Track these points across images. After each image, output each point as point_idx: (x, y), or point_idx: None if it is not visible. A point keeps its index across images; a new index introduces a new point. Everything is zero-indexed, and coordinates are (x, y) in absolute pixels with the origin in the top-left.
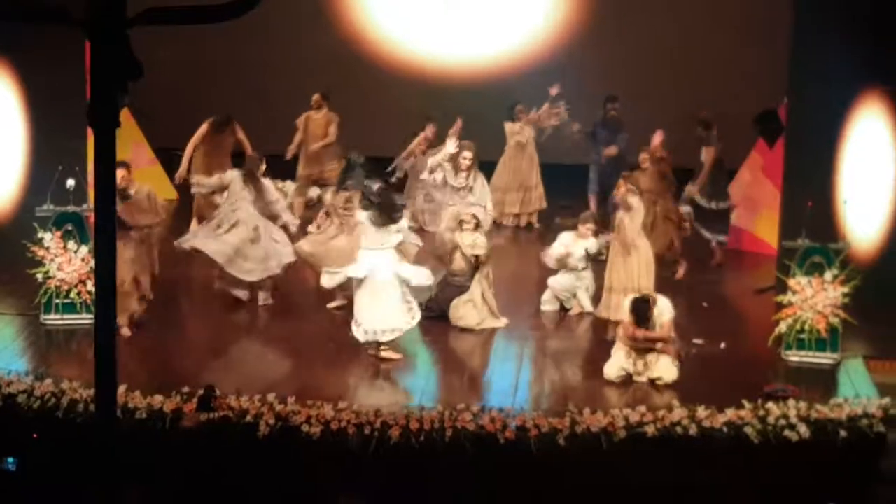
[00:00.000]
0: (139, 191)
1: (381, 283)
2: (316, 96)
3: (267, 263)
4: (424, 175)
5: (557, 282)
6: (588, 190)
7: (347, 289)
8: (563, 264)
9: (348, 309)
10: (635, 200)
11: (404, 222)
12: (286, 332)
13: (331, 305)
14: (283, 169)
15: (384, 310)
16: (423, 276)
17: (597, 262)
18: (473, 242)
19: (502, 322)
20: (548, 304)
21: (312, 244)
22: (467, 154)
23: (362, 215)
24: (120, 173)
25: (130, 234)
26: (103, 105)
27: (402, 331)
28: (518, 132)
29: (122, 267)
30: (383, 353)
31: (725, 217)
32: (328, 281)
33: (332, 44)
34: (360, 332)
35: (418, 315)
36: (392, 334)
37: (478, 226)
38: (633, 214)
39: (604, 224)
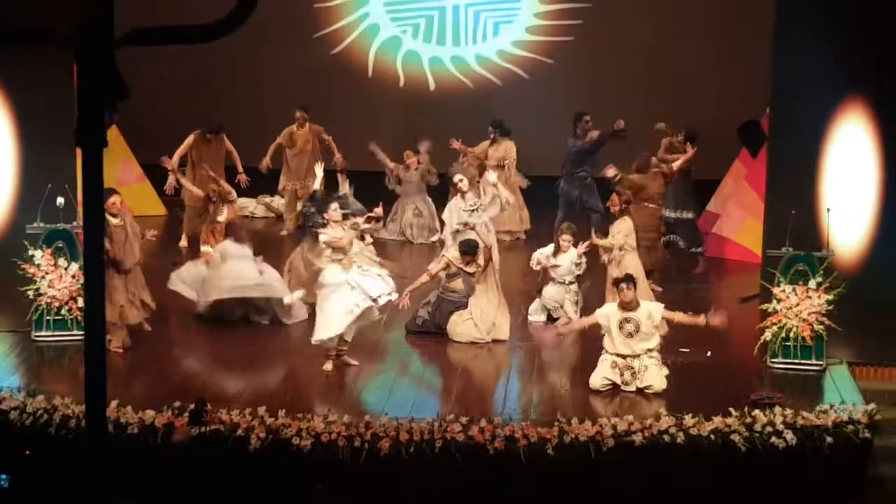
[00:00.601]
0: (126, 220)
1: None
2: (299, 113)
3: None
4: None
5: (546, 292)
6: (560, 202)
7: None
8: (546, 276)
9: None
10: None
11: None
12: (276, 346)
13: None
14: (268, 182)
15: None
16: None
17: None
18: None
19: (504, 334)
20: (535, 315)
21: None
22: (460, 177)
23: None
24: (111, 199)
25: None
26: (90, 125)
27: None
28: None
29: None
30: (346, 358)
31: (693, 226)
32: None
33: (318, 58)
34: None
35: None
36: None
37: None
38: (626, 226)
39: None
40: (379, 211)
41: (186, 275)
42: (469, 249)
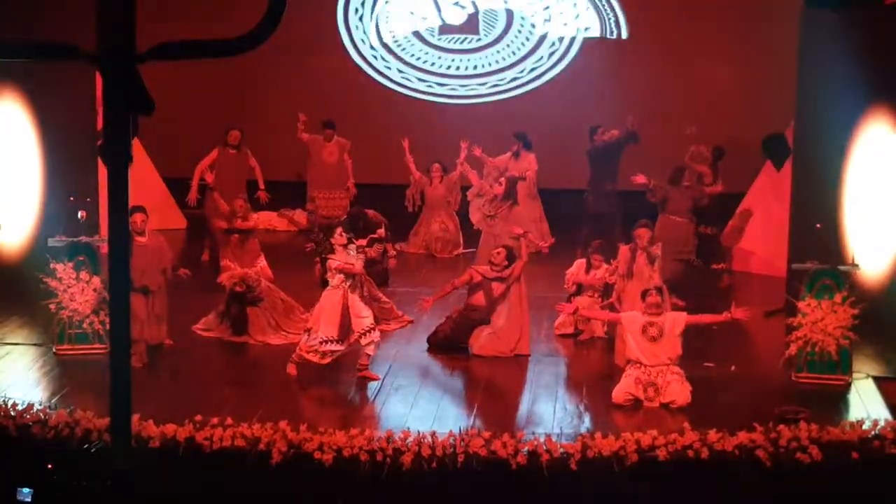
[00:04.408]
0: (153, 239)
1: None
2: (327, 132)
3: None
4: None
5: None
6: (586, 216)
7: None
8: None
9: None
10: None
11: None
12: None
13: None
14: (289, 195)
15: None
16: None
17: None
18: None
19: (527, 348)
20: (561, 329)
21: None
22: (501, 182)
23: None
24: (140, 217)
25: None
26: (116, 141)
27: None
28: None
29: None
30: (368, 372)
31: (716, 242)
32: None
33: (340, 70)
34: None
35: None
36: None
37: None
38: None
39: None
40: (381, 232)
41: None
42: (510, 256)
